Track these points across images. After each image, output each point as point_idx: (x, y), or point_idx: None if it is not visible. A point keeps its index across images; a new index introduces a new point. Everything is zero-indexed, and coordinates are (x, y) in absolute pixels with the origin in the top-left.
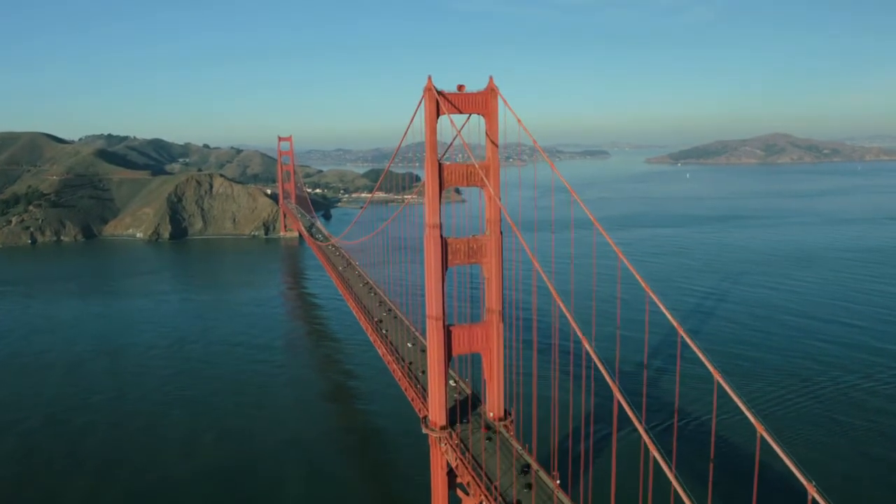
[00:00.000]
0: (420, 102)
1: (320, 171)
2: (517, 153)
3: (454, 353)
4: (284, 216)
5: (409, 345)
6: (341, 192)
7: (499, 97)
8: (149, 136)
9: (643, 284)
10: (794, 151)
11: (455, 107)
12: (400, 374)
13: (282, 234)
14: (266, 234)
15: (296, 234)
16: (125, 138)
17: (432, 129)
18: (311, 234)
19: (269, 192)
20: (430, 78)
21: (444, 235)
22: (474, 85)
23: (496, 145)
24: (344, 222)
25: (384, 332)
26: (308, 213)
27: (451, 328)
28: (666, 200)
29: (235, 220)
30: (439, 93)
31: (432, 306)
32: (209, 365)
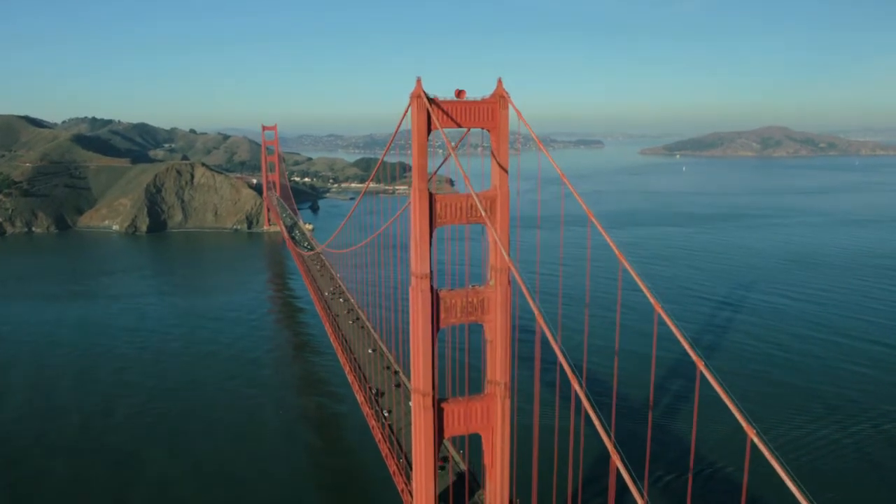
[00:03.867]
0: (406, 110)
1: (309, 159)
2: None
3: (446, 435)
4: (268, 210)
5: (370, 351)
6: (330, 181)
7: (510, 106)
8: (134, 119)
9: (619, 256)
10: (791, 145)
11: (452, 119)
12: (380, 435)
13: (265, 228)
14: (249, 227)
15: (279, 228)
16: (109, 122)
17: (421, 149)
18: (293, 237)
19: (254, 181)
20: (419, 81)
21: (435, 287)
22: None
23: (506, 171)
24: (331, 215)
25: (386, 413)
26: (292, 209)
27: (442, 404)
28: (663, 195)
29: (217, 212)
30: (431, 100)
31: (419, 378)
32: (189, 386)
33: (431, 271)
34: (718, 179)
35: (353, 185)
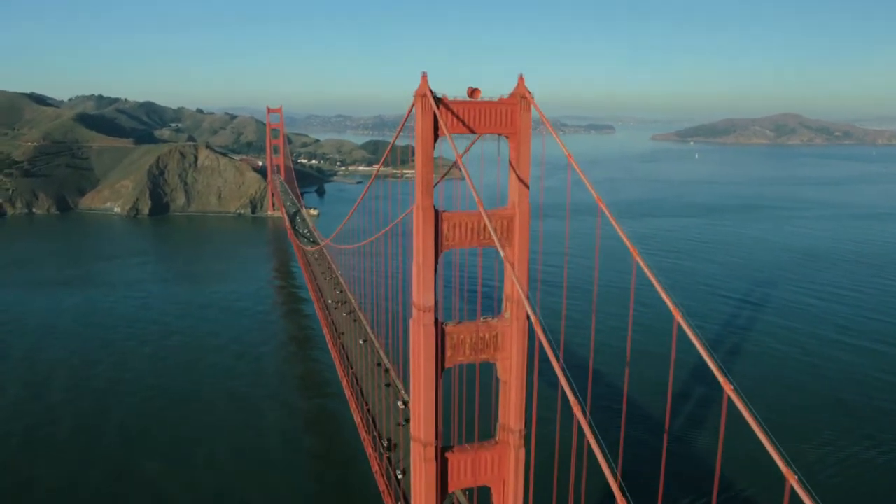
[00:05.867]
0: (410, 109)
1: (317, 141)
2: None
3: (451, 488)
4: (272, 195)
5: (361, 341)
6: (338, 164)
7: (532, 108)
8: (141, 98)
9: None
10: (805, 133)
11: (464, 123)
12: (377, 467)
13: (269, 212)
14: (253, 212)
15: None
16: (116, 100)
17: (426, 159)
18: (294, 228)
19: (259, 164)
20: (424, 76)
21: (440, 320)
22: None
23: (527, 185)
24: (337, 200)
25: (400, 476)
26: (296, 194)
27: (447, 453)
28: (677, 184)
29: (221, 195)
30: (439, 100)
31: (420, 426)
32: (190, 385)
33: (437, 302)
34: (733, 168)
35: (360, 168)
